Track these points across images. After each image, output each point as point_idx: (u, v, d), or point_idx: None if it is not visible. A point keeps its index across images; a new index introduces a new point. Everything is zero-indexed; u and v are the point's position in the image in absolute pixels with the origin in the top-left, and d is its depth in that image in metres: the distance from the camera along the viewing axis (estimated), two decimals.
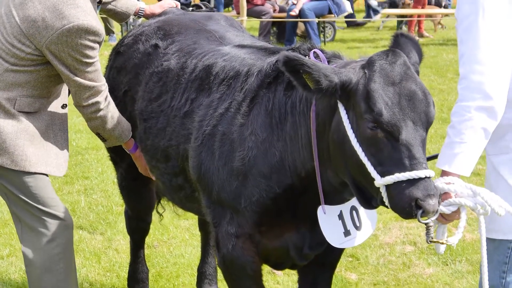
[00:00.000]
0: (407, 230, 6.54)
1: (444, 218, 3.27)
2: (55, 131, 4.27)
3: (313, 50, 3.59)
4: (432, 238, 3.24)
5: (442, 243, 3.28)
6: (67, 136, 4.35)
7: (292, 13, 16.97)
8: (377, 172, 3.21)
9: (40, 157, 4.17)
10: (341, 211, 3.68)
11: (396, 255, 6.06)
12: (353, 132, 3.28)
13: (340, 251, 4.06)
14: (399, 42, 3.49)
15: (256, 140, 3.71)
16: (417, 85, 3.27)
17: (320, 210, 3.64)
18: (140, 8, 5.00)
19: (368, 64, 3.31)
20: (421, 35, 18.10)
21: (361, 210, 3.73)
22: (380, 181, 3.20)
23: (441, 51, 15.59)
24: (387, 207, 3.27)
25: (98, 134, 4.41)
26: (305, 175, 3.63)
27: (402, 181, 3.14)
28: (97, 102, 4.19)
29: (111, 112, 4.29)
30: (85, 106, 4.19)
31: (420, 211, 3.12)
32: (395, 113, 3.18)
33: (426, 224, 3.18)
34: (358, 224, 3.72)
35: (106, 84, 4.24)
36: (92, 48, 4.03)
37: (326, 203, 3.63)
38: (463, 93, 3.27)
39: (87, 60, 4.04)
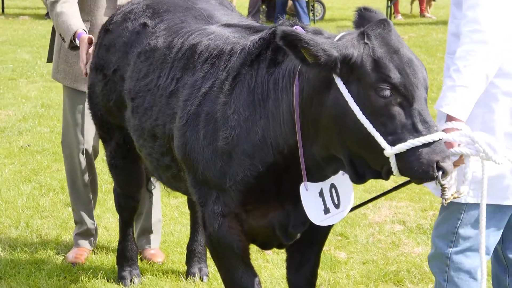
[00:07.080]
0: (396, 210, 6.55)
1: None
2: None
3: (294, 27, 3.58)
4: (446, 200, 3.30)
5: (456, 197, 3.36)
6: None
7: None
8: (387, 142, 3.24)
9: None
10: (321, 189, 3.69)
11: (385, 234, 6.07)
12: (358, 104, 3.29)
13: (327, 229, 4.07)
14: (364, 16, 3.51)
15: (239, 119, 3.70)
16: (411, 52, 3.35)
17: (302, 187, 3.65)
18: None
19: (367, 36, 3.33)
20: (423, 16, 18.11)
21: (339, 188, 3.74)
22: (391, 151, 3.23)
23: (431, 30, 15.55)
24: (385, 179, 3.35)
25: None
26: (287, 152, 3.63)
27: (418, 147, 3.19)
28: None
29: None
30: None
31: (440, 173, 3.18)
32: (406, 78, 3.24)
33: (443, 185, 3.24)
34: (337, 202, 3.73)
35: None
36: None
37: (308, 180, 3.64)
38: (472, 36, 3.33)
39: None
